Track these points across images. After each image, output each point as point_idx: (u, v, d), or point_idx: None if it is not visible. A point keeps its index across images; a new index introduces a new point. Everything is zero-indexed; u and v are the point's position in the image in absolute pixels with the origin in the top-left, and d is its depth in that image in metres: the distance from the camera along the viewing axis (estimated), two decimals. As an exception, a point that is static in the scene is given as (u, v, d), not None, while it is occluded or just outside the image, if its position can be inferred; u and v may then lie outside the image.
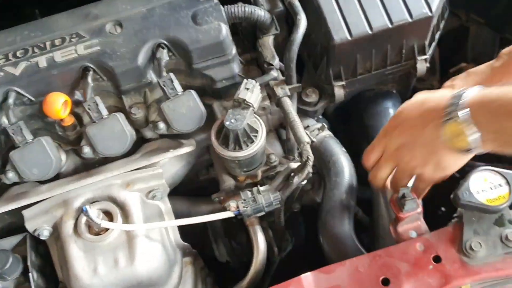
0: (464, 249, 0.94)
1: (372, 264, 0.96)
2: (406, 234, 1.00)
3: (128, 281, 1.08)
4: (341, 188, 1.15)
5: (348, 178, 1.18)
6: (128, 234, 1.10)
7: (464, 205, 0.96)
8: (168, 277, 1.16)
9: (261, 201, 1.10)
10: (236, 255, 1.44)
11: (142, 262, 1.08)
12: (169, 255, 1.16)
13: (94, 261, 1.08)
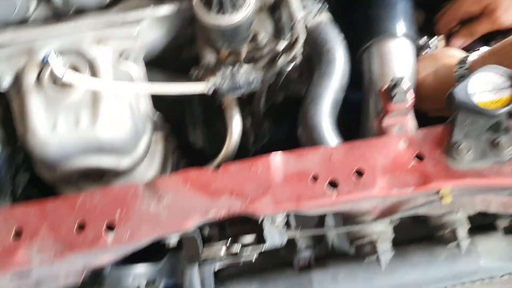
0: (450, 151, 0.86)
1: (348, 154, 0.88)
2: (391, 129, 0.91)
3: (88, 143, 1.01)
4: (330, 78, 1.05)
5: (341, 70, 1.07)
6: (94, 94, 1.01)
7: (458, 104, 0.87)
8: (132, 147, 1.09)
9: (240, 78, 1.00)
10: (211, 142, 1.37)
11: (105, 125, 1.00)
12: (136, 123, 1.08)
13: (54, 117, 1.00)
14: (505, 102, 0.86)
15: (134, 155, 1.10)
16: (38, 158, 1.02)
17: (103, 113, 1.00)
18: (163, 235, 0.85)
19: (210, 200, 0.85)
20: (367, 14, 1.16)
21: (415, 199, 0.89)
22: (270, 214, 0.85)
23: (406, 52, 1.14)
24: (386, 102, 0.89)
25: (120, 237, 0.83)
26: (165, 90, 1.02)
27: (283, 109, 1.24)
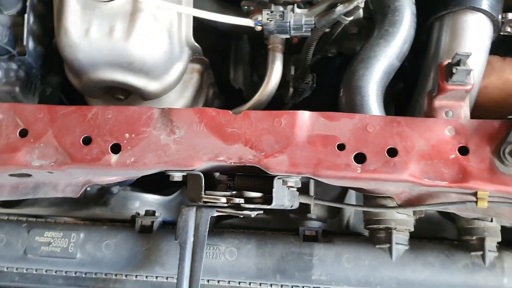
0: (501, 152, 0.75)
1: (385, 128, 0.78)
2: (441, 112, 0.80)
3: (117, 55, 0.96)
4: (390, 41, 0.93)
5: (404, 34, 0.95)
6: (133, 6, 0.94)
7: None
8: (164, 71, 1.04)
9: (290, 19, 0.91)
10: (251, 85, 1.29)
11: (138, 41, 0.94)
12: (173, 47, 1.02)
13: (89, 21, 0.95)
14: None
15: (164, 80, 1.04)
16: (67, 61, 0.98)
17: (138, 28, 0.94)
18: (167, 168, 0.79)
19: (223, 144, 0.79)
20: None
21: (447, 195, 0.80)
22: (283, 175, 0.78)
23: (484, 32, 1.00)
24: (443, 80, 0.78)
25: (123, 161, 0.79)
26: (209, 16, 0.94)
27: (334, 66, 1.14)
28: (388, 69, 0.93)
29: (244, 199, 0.77)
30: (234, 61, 1.28)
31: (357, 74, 0.91)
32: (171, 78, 1.05)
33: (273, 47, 1.04)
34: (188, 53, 1.08)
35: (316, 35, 0.98)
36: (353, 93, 0.90)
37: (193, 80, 1.16)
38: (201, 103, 1.20)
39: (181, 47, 1.05)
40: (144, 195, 1.09)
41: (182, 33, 1.04)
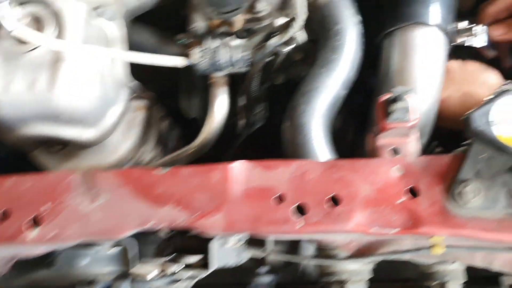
0: (454, 191, 0.68)
1: (325, 174, 0.72)
2: (386, 150, 0.74)
3: (43, 108, 0.88)
4: (333, 69, 0.86)
5: (349, 60, 0.88)
6: (57, 54, 0.87)
7: (474, 133, 0.68)
8: (100, 117, 0.96)
9: (223, 56, 0.84)
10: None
11: (64, 91, 0.87)
12: (107, 91, 0.95)
13: (11, 73, 0.88)
14: (536, 141, 0.67)
15: (101, 126, 0.97)
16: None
17: (62, 78, 0.87)
18: (92, 240, 0.73)
19: (151, 207, 0.72)
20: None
21: (399, 242, 0.73)
22: (221, 235, 0.71)
23: (436, 46, 0.93)
24: (382, 118, 0.71)
25: (44, 235, 0.73)
26: (136, 59, 0.87)
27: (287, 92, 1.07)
28: (333, 101, 0.86)
29: (183, 265, 0.71)
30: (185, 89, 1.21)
31: (299, 110, 0.84)
32: (109, 122, 0.98)
33: (215, 81, 0.97)
34: (127, 92, 1.01)
35: (256, 68, 0.92)
36: (295, 132, 0.83)
37: (139, 118, 1.09)
38: (152, 139, 1.13)
39: (117, 88, 0.97)
40: (95, 248, 1.02)
41: (117, 74, 0.97)
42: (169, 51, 1.07)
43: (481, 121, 0.68)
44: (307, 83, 0.87)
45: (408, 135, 0.72)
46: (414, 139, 0.73)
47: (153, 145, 1.13)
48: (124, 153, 1.05)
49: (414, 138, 0.73)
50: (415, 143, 0.73)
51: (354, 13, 0.90)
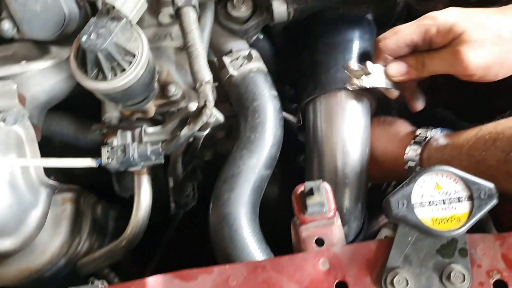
0: (382, 282, 0.64)
1: (250, 277, 0.67)
2: (311, 241, 0.69)
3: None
4: (254, 150, 0.82)
5: (271, 136, 0.84)
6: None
7: (397, 218, 0.64)
8: (18, 224, 0.90)
9: (133, 153, 0.79)
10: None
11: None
12: (21, 197, 0.89)
13: None
14: (461, 220, 0.63)
15: (21, 233, 0.91)
16: None
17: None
18: None
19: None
20: (314, 59, 0.91)
21: None
22: None
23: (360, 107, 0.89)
24: (299, 211, 0.67)
25: None
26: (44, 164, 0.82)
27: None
28: (257, 183, 0.81)
29: None
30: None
31: (223, 199, 0.79)
32: (31, 226, 0.92)
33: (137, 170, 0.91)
34: (46, 192, 0.95)
35: (177, 154, 0.87)
36: (221, 223, 0.78)
37: (66, 212, 1.02)
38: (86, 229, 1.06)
39: (33, 191, 0.92)
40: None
41: (32, 177, 0.91)
42: (87, 139, 1.03)
43: (402, 205, 0.64)
44: (229, 168, 0.82)
45: (331, 224, 0.67)
46: (337, 226, 0.68)
47: (87, 235, 1.07)
48: (55, 251, 0.99)
49: (337, 226, 0.68)
50: (339, 231, 0.69)
51: (270, 88, 0.86)
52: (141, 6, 0.72)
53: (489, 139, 0.74)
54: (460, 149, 0.77)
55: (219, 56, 0.90)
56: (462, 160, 0.76)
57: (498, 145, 0.72)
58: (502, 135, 0.72)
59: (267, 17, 0.87)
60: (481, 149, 0.74)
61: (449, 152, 0.79)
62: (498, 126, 0.74)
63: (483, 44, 0.77)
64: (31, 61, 0.85)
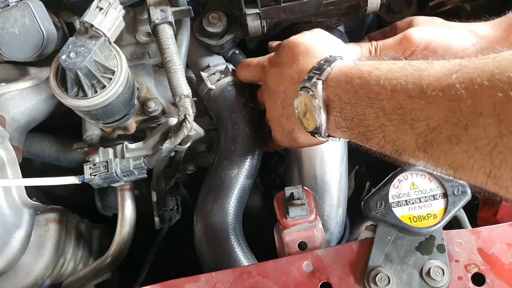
0: (365, 281, 0.66)
1: (236, 284, 0.68)
2: (294, 246, 0.71)
3: None
4: (235, 161, 0.84)
5: (250, 148, 0.85)
6: None
7: (376, 219, 0.66)
8: (0, 247, 0.90)
9: (116, 168, 0.80)
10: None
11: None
12: (4, 218, 0.89)
13: None
14: (437, 217, 0.66)
15: (5, 255, 0.91)
16: None
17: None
18: None
19: None
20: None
21: None
22: None
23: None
24: (281, 216, 0.68)
25: None
26: (27, 183, 0.82)
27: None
28: (240, 193, 0.82)
29: None
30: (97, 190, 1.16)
31: (206, 210, 0.81)
32: (14, 248, 0.92)
33: (120, 186, 0.92)
34: (29, 213, 0.95)
35: (159, 167, 0.88)
36: (206, 233, 0.79)
37: (50, 232, 1.02)
38: (69, 249, 1.06)
39: (16, 212, 0.92)
40: None
41: (14, 198, 0.91)
42: (69, 159, 1.03)
43: (380, 205, 0.66)
44: (211, 179, 0.84)
45: (312, 228, 0.69)
46: (319, 230, 0.70)
47: (71, 255, 1.06)
48: (40, 273, 0.99)
49: (319, 229, 0.70)
50: (321, 234, 0.71)
51: (249, 100, 0.88)
52: (118, 25, 0.74)
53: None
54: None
55: (196, 71, 0.92)
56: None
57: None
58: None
59: (242, 32, 0.89)
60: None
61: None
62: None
63: (429, 29, 0.85)
64: (10, 82, 0.86)
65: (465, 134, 0.46)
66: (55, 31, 0.82)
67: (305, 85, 0.65)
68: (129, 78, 0.78)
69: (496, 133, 0.43)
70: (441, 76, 0.49)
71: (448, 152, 0.48)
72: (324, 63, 0.66)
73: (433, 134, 0.49)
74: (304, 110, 0.67)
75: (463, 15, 1.15)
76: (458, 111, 0.46)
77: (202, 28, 0.89)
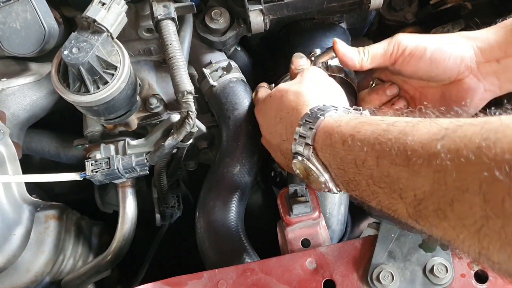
0: (368, 278, 0.66)
1: (239, 281, 0.68)
2: (297, 243, 0.71)
3: None
4: (237, 158, 0.83)
5: (251, 145, 0.85)
6: None
7: (380, 216, 0.66)
8: (0, 243, 0.89)
9: (118, 165, 0.79)
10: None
11: (-46, 227, 0.80)
12: (4, 215, 0.89)
13: None
14: (440, 214, 0.65)
15: (5, 251, 0.90)
16: None
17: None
18: None
19: None
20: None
21: None
22: None
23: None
24: (285, 213, 0.68)
25: None
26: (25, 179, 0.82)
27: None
28: (241, 190, 0.82)
29: None
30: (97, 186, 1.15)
31: (209, 206, 0.80)
32: (15, 245, 0.92)
33: (121, 183, 0.92)
34: (29, 209, 0.95)
35: (161, 164, 0.88)
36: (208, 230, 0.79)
37: (50, 229, 1.02)
38: (69, 246, 1.06)
39: (16, 209, 0.91)
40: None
41: (14, 195, 0.91)
42: (69, 156, 1.03)
43: (383, 202, 0.66)
44: (213, 176, 0.83)
45: (316, 225, 0.69)
46: (322, 227, 0.70)
47: (71, 252, 1.06)
48: (40, 269, 0.98)
49: (322, 226, 0.70)
50: (324, 231, 0.70)
51: (250, 97, 0.88)
52: (121, 20, 0.73)
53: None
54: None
55: (198, 68, 0.92)
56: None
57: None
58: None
59: (245, 29, 0.89)
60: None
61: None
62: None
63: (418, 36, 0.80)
64: (11, 78, 0.85)
65: (450, 210, 0.43)
66: (57, 27, 0.81)
67: (298, 151, 0.63)
68: (131, 74, 0.78)
69: (482, 213, 0.40)
70: (426, 143, 0.46)
71: (437, 226, 0.46)
72: (307, 121, 0.63)
73: (421, 206, 0.47)
74: (306, 174, 0.64)
75: (464, 13, 1.15)
76: (443, 184, 0.43)
77: (205, 25, 0.88)
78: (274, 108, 0.73)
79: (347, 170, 0.56)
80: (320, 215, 0.69)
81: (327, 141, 0.59)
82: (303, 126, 0.63)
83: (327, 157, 0.59)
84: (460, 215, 0.42)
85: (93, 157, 0.87)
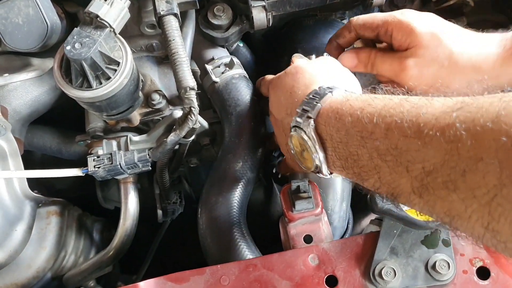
0: (371, 274, 0.66)
1: (241, 276, 0.68)
2: (300, 239, 0.71)
3: None
4: (239, 154, 0.83)
5: (254, 142, 0.85)
6: None
7: (383, 212, 0.66)
8: (2, 239, 0.90)
9: (120, 161, 0.79)
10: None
11: (-45, 222, 0.81)
12: (6, 210, 0.89)
13: None
14: (443, 210, 0.65)
15: (7, 247, 0.91)
16: None
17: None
18: None
19: None
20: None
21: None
22: None
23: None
24: (287, 209, 0.68)
25: None
26: (30, 175, 0.82)
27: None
28: (244, 186, 0.82)
29: None
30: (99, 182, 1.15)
31: (211, 202, 0.80)
32: (16, 241, 0.92)
33: (123, 179, 0.92)
34: (30, 205, 0.95)
35: (163, 160, 0.88)
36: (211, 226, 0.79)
37: (52, 225, 1.02)
38: (71, 242, 1.06)
39: (18, 205, 0.91)
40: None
41: (16, 190, 0.91)
42: (71, 152, 1.03)
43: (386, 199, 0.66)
44: (215, 172, 0.83)
45: (318, 221, 0.69)
46: (324, 223, 0.70)
47: (72, 248, 1.06)
48: (41, 265, 0.99)
49: (325, 222, 0.70)
50: (326, 227, 0.70)
51: (252, 93, 0.88)
52: (124, 16, 0.73)
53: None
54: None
55: (201, 64, 0.91)
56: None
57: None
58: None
59: (247, 25, 0.89)
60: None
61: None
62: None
63: (430, 63, 0.75)
64: (13, 73, 0.85)
65: (462, 181, 0.42)
66: (59, 22, 0.81)
67: (297, 123, 0.62)
68: (134, 70, 0.78)
69: (495, 182, 0.39)
70: (440, 114, 0.45)
71: (444, 199, 0.44)
72: (314, 97, 0.62)
73: (429, 178, 0.46)
74: (300, 150, 0.64)
75: (467, 11, 1.14)
76: (456, 154, 0.42)
77: (207, 21, 0.88)
78: (287, 84, 0.72)
79: (350, 142, 0.55)
80: (323, 211, 0.69)
81: (333, 114, 0.58)
82: (309, 101, 0.62)
83: (329, 130, 0.58)
84: (472, 185, 0.41)
85: (95, 153, 0.87)
